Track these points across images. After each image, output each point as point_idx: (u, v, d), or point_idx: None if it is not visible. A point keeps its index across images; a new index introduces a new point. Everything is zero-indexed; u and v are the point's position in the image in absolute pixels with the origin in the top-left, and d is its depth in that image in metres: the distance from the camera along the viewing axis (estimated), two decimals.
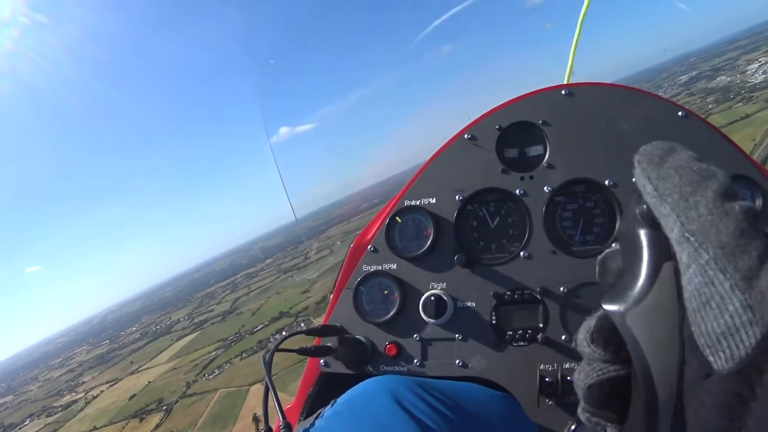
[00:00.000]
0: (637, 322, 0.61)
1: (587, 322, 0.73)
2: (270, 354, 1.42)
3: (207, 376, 73.64)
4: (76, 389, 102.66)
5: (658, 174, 0.60)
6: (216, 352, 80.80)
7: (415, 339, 1.63)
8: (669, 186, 0.58)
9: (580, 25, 1.85)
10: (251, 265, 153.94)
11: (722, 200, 0.54)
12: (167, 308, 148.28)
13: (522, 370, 1.53)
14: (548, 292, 1.55)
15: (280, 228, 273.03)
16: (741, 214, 0.53)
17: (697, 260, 0.53)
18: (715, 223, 0.52)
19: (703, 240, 0.53)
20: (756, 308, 0.48)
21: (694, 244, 0.53)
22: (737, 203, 0.54)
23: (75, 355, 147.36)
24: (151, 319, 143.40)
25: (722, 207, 0.53)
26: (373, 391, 1.31)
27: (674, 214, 0.56)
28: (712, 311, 0.51)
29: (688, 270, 0.54)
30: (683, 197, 0.56)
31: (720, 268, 0.51)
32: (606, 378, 0.69)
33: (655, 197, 0.59)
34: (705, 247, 0.52)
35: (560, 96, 1.61)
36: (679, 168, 0.59)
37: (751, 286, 0.49)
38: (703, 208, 0.54)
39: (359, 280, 1.70)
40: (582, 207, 1.58)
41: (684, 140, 1.42)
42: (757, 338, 0.48)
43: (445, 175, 1.68)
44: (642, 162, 0.63)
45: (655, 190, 0.59)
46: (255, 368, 63.35)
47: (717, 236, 0.52)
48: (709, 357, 0.52)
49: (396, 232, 1.70)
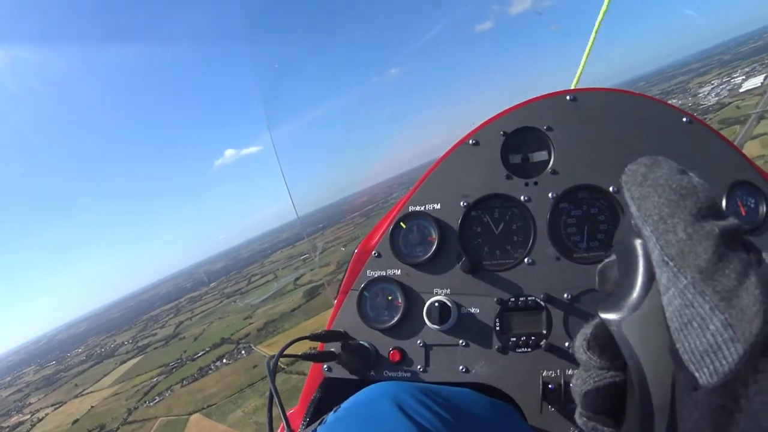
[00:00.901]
0: (632, 330, 0.62)
1: (584, 329, 0.74)
2: (274, 360, 1.40)
3: (148, 403, 74.38)
4: (23, 410, 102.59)
5: (640, 193, 0.61)
6: (157, 378, 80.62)
7: (418, 345, 1.63)
8: (649, 206, 0.59)
9: (594, 33, 1.83)
10: (195, 289, 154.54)
11: (701, 222, 0.55)
12: (112, 330, 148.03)
13: (525, 376, 1.54)
14: (552, 298, 1.55)
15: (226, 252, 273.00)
16: (719, 237, 0.53)
17: (676, 284, 0.54)
18: (693, 248, 0.54)
19: (681, 265, 0.54)
20: (736, 326, 0.50)
21: (673, 269, 0.55)
22: (717, 224, 0.55)
23: (23, 374, 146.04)
24: (96, 341, 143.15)
25: (701, 230, 0.54)
26: (375, 397, 1.31)
27: (654, 236, 0.57)
28: (693, 330, 0.53)
29: (668, 292, 0.56)
30: (662, 219, 0.57)
31: (699, 292, 0.52)
32: (602, 384, 0.71)
33: (638, 218, 0.60)
34: (683, 272, 0.54)
35: (564, 101, 1.61)
36: (659, 186, 0.59)
37: (731, 305, 0.51)
38: (681, 231, 0.55)
39: (363, 286, 1.70)
40: (586, 213, 1.59)
41: (688, 146, 1.55)
42: (740, 354, 0.50)
43: (450, 180, 1.68)
44: (627, 182, 0.64)
45: (638, 210, 0.60)
46: (195, 397, 64.09)
47: (695, 261, 0.53)
48: (695, 373, 0.54)
49: (400, 238, 1.71)
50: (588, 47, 1.85)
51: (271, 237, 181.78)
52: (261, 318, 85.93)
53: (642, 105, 1.56)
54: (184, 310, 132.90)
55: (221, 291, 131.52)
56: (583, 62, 1.86)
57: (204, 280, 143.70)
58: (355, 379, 1.66)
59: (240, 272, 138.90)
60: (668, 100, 1.54)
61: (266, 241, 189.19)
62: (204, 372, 74.03)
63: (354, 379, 1.66)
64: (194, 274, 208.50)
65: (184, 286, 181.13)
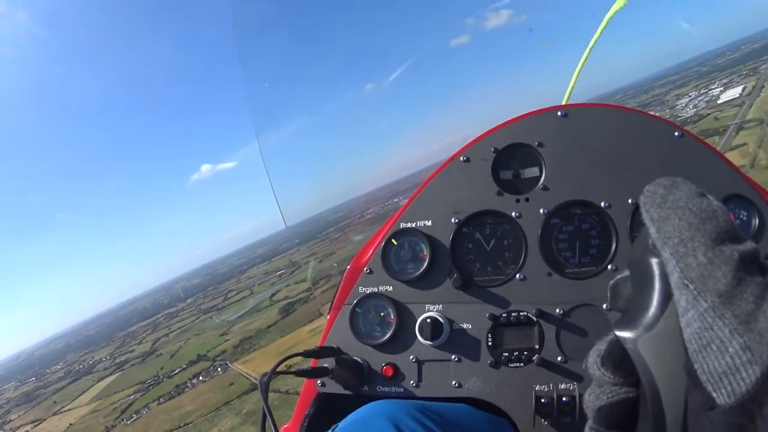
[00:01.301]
0: (647, 348, 0.63)
1: (598, 346, 0.76)
2: (267, 378, 1.39)
3: (125, 421, 73.96)
4: (4, 427, 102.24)
5: (660, 215, 0.62)
6: (134, 396, 78.94)
7: (411, 360, 1.64)
8: (669, 229, 0.60)
9: (588, 51, 1.84)
10: (172, 305, 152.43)
11: (721, 246, 0.56)
12: (90, 347, 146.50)
13: (518, 391, 1.54)
14: (544, 313, 1.56)
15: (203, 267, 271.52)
16: (739, 262, 0.55)
17: (695, 307, 0.55)
18: (713, 272, 0.55)
19: (701, 288, 0.55)
20: (755, 349, 0.51)
21: (693, 292, 0.56)
22: (736, 248, 0.56)
23: (4, 391, 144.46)
24: (75, 357, 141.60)
25: (720, 255, 0.55)
26: (372, 416, 1.31)
27: (674, 259, 0.58)
28: (712, 353, 0.54)
29: (687, 314, 0.57)
30: (682, 242, 0.58)
31: (718, 315, 0.54)
32: (616, 400, 0.72)
33: (657, 240, 0.61)
34: (703, 295, 0.55)
35: (556, 117, 1.62)
36: (679, 209, 0.60)
37: (749, 329, 0.52)
38: (702, 255, 0.56)
39: (356, 302, 1.70)
40: (578, 229, 1.60)
41: (681, 160, 1.54)
42: (757, 376, 0.51)
43: (441, 197, 1.68)
44: (646, 203, 0.65)
45: (657, 232, 0.61)
46: (171, 415, 62.99)
47: (715, 285, 0.54)
48: (712, 393, 0.55)
49: (392, 254, 1.71)
50: (580, 64, 1.85)
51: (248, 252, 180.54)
52: (237, 335, 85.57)
53: (634, 120, 1.58)
54: (161, 327, 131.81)
55: (198, 307, 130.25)
56: (574, 78, 1.85)
57: (181, 296, 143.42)
58: (348, 395, 1.66)
59: (217, 288, 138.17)
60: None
61: (242, 256, 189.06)
62: (180, 389, 72.96)
63: (347, 395, 1.66)
64: (171, 290, 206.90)
65: (161, 302, 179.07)
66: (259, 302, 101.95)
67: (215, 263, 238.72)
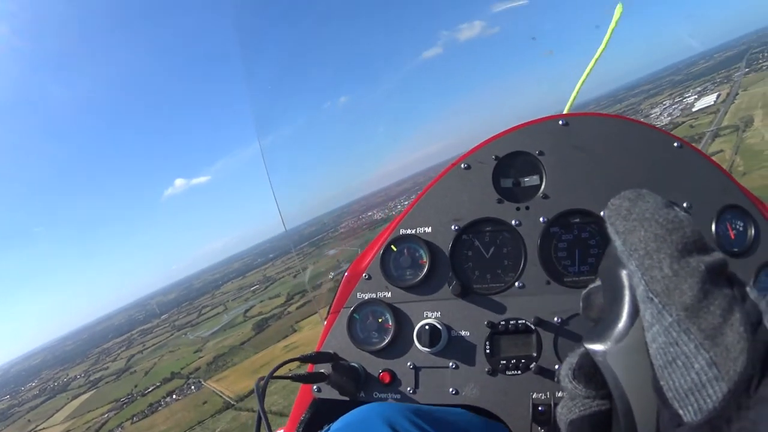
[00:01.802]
0: (617, 361, 0.63)
1: (569, 358, 0.76)
2: (264, 382, 1.39)
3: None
4: None
5: (625, 227, 0.61)
6: (108, 414, 77.88)
7: (408, 367, 1.63)
8: (635, 241, 0.59)
9: (593, 62, 1.82)
10: (147, 321, 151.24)
11: (687, 258, 0.56)
12: (65, 364, 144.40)
13: (515, 398, 1.54)
14: (542, 321, 1.55)
15: (178, 282, 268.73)
16: (705, 274, 0.54)
17: (660, 321, 0.55)
18: (678, 285, 0.55)
19: (666, 302, 0.55)
20: (721, 364, 0.51)
21: (657, 306, 0.56)
22: (702, 259, 0.56)
23: None
24: (49, 374, 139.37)
25: (686, 267, 0.55)
26: (368, 418, 1.30)
27: (639, 272, 0.58)
28: (678, 369, 0.54)
29: (652, 329, 0.57)
30: (648, 254, 0.58)
31: (683, 330, 0.53)
32: (587, 413, 0.72)
33: (623, 252, 0.61)
34: (668, 309, 0.55)
35: (557, 126, 1.63)
36: (645, 220, 0.60)
37: (715, 344, 0.52)
38: (667, 267, 0.56)
39: (354, 308, 1.70)
40: (577, 238, 1.60)
41: (680, 170, 1.55)
42: (724, 392, 0.51)
43: (441, 204, 1.69)
44: (611, 216, 0.66)
45: (623, 244, 0.61)
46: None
47: (680, 298, 0.54)
48: (679, 410, 0.55)
49: (391, 261, 1.71)
50: (585, 74, 1.83)
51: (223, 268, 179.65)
52: (211, 351, 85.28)
53: (634, 130, 1.59)
54: (135, 343, 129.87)
55: (172, 323, 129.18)
56: (577, 88, 1.83)
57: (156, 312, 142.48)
58: (344, 400, 1.66)
59: (191, 303, 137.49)
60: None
61: (218, 271, 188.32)
62: (154, 408, 71.41)
63: (343, 400, 1.66)
64: (146, 306, 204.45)
65: (136, 318, 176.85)
66: (233, 318, 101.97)
67: (191, 278, 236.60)
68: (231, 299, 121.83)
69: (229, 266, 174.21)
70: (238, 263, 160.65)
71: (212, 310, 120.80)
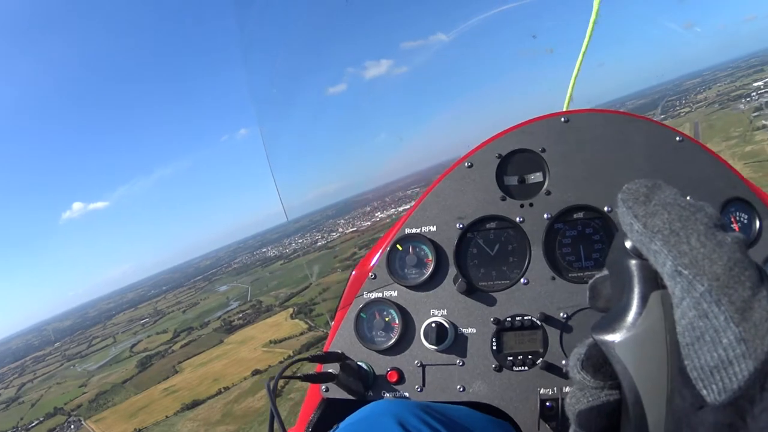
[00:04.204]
0: (626, 351, 0.63)
1: (577, 349, 0.76)
2: (274, 382, 1.40)
3: None
4: None
5: (645, 211, 0.61)
6: None
7: (416, 365, 1.63)
8: (658, 222, 0.59)
9: (582, 55, 1.83)
10: (42, 347, 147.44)
11: (714, 232, 0.56)
12: None
13: (522, 394, 1.54)
14: (548, 317, 1.55)
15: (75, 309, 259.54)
16: (734, 245, 0.54)
17: (691, 293, 0.54)
18: (708, 255, 0.54)
19: (696, 272, 0.54)
20: (749, 341, 0.50)
21: (687, 278, 0.54)
22: (728, 234, 0.56)
23: None
24: None
25: (714, 239, 0.55)
26: (377, 415, 1.31)
27: (665, 249, 0.57)
28: (705, 345, 0.53)
29: (682, 303, 0.55)
30: (674, 232, 0.57)
31: (714, 301, 0.52)
32: (596, 404, 0.72)
33: (644, 234, 0.60)
34: (699, 279, 0.53)
35: (559, 123, 1.63)
36: (667, 204, 0.60)
37: (744, 319, 0.51)
38: (695, 240, 0.55)
39: (361, 307, 1.70)
40: (581, 233, 1.60)
41: (683, 164, 1.54)
42: (750, 371, 0.50)
43: (446, 202, 1.69)
44: (627, 200, 0.65)
45: (644, 227, 0.60)
46: None
47: (711, 268, 0.53)
48: (702, 390, 0.54)
49: (397, 260, 1.71)
50: (576, 69, 1.84)
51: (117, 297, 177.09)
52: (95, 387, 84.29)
53: (635, 125, 1.59)
54: (27, 371, 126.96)
55: (63, 352, 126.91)
56: (571, 84, 1.84)
57: (51, 339, 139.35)
58: (352, 400, 1.66)
59: (83, 333, 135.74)
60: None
61: (112, 300, 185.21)
62: None
63: (351, 399, 1.66)
64: (43, 331, 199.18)
65: (32, 344, 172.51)
66: (120, 352, 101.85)
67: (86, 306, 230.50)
68: (121, 331, 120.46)
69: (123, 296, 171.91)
70: (132, 293, 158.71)
71: (102, 342, 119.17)
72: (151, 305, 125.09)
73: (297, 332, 71.25)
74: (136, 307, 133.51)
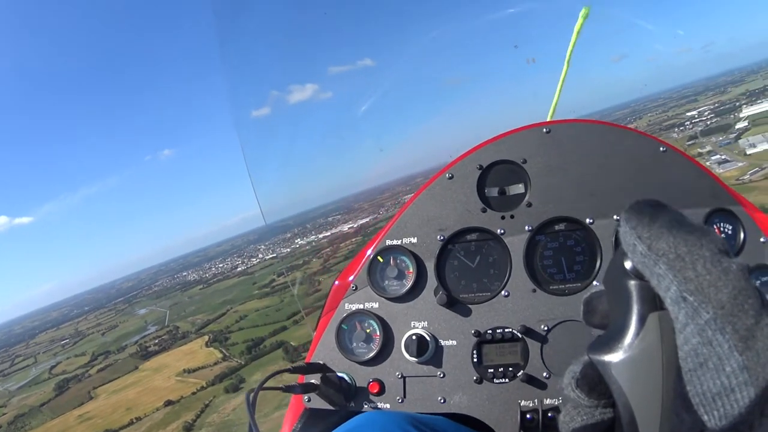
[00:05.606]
0: (622, 371, 0.63)
1: (572, 367, 0.76)
2: (254, 393, 1.39)
3: None
4: None
5: (650, 233, 0.61)
6: None
7: (397, 376, 1.63)
8: (663, 246, 0.59)
9: (567, 65, 1.82)
10: None
11: (719, 258, 0.56)
12: None
13: (503, 406, 1.54)
14: (529, 330, 1.55)
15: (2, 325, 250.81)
16: (738, 272, 0.55)
17: (695, 320, 0.55)
18: (714, 283, 0.54)
19: (702, 300, 0.54)
20: (751, 369, 0.51)
21: (693, 304, 0.55)
22: (733, 261, 0.56)
23: None
24: None
25: (720, 266, 0.55)
26: (363, 427, 1.31)
27: (671, 273, 0.57)
28: (708, 371, 0.54)
29: (686, 329, 0.56)
30: (679, 257, 0.57)
31: (719, 329, 0.53)
32: (590, 422, 0.73)
33: (648, 257, 0.60)
34: (705, 306, 0.54)
35: (541, 134, 1.62)
36: (672, 227, 0.60)
37: (748, 347, 0.52)
38: (701, 267, 0.55)
39: (342, 319, 1.70)
40: (562, 245, 1.59)
41: (665, 174, 1.53)
42: (752, 398, 0.51)
43: (427, 214, 1.68)
44: (631, 220, 0.64)
45: (648, 249, 0.60)
46: None
47: (716, 296, 0.54)
48: (703, 416, 0.55)
49: (378, 271, 1.71)
50: (561, 79, 1.84)
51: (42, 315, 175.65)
52: (14, 408, 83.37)
53: (618, 135, 1.58)
54: None
55: None
56: (557, 94, 1.83)
57: None
58: (335, 409, 1.66)
59: (7, 351, 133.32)
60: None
61: (37, 318, 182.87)
62: None
63: (334, 409, 1.66)
64: None
65: None
66: (40, 373, 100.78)
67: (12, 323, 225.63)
68: (42, 351, 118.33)
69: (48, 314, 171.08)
70: (56, 312, 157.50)
71: (24, 361, 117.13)
72: (72, 326, 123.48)
73: (211, 362, 71.33)
74: (58, 327, 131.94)
